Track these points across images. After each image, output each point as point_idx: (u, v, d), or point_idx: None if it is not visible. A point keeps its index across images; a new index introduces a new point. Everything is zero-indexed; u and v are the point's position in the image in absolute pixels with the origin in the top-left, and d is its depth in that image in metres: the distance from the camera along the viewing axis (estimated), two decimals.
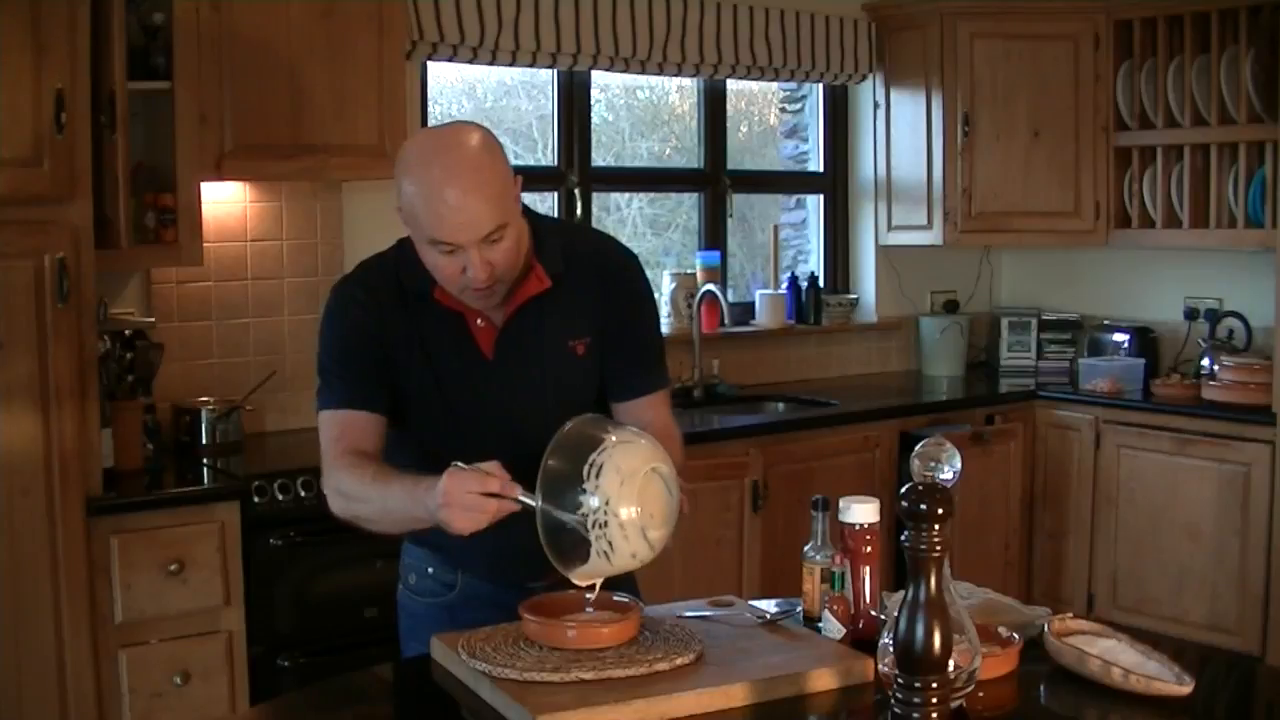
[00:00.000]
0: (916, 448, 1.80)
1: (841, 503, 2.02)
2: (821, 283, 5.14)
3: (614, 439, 1.87)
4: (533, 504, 1.85)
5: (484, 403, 2.11)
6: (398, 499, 1.96)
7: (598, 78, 4.62)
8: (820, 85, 5.17)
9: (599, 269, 2.17)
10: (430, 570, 2.24)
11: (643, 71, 4.51)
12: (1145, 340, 4.90)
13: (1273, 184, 4.34)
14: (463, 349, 2.10)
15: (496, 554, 2.15)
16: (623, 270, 2.21)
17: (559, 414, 1.94)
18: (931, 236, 4.95)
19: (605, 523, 1.83)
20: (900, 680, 1.57)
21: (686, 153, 4.99)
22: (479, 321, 2.10)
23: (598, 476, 1.83)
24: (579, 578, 1.89)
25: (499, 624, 1.99)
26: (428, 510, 1.88)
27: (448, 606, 2.22)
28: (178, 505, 3.15)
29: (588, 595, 1.95)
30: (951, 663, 1.58)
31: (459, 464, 1.86)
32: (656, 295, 2.40)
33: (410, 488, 1.93)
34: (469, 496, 1.83)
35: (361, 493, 2.02)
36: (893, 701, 1.58)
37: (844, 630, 1.97)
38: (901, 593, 1.59)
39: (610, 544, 1.84)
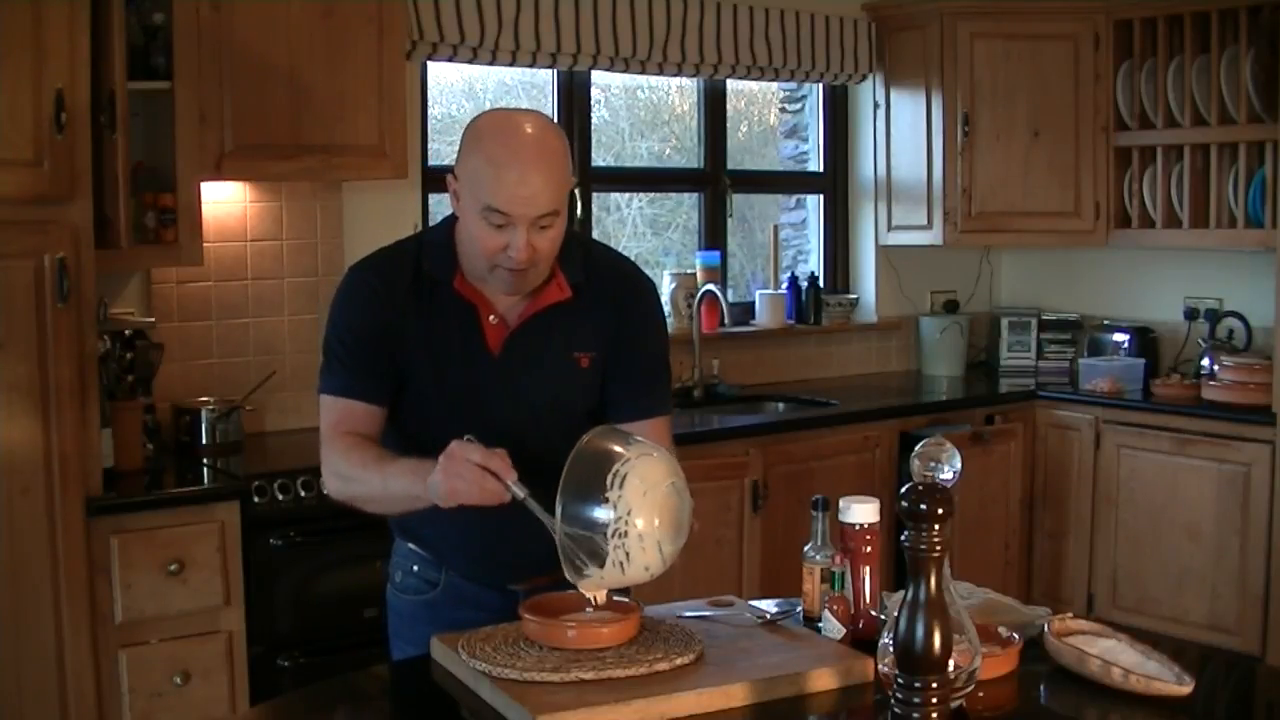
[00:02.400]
0: (916, 448, 1.80)
1: (841, 503, 2.02)
2: (821, 283, 5.14)
3: (635, 451, 1.88)
4: (520, 495, 1.87)
5: (480, 400, 2.11)
6: (399, 478, 2.00)
7: (598, 78, 4.62)
8: (820, 85, 5.17)
9: (617, 288, 2.19)
10: (415, 568, 2.26)
11: (643, 71, 4.51)
12: (1145, 340, 4.91)
13: (1273, 184, 4.34)
14: (470, 343, 2.11)
15: (479, 555, 2.17)
16: (640, 293, 2.23)
17: (552, 422, 1.97)
18: (931, 236, 4.95)
19: (625, 533, 1.83)
20: (900, 680, 1.57)
21: (686, 153, 4.99)
22: (491, 318, 2.12)
23: (620, 486, 1.83)
24: (587, 587, 1.90)
25: (481, 623, 2.00)
26: (425, 485, 1.92)
27: (430, 604, 2.23)
28: (178, 505, 3.15)
29: (591, 602, 1.95)
30: (951, 663, 1.58)
31: (471, 437, 1.91)
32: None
33: (415, 465, 1.97)
34: (467, 465, 1.87)
35: (362, 474, 2.05)
36: (893, 701, 1.58)
37: (844, 630, 1.97)
38: (901, 593, 1.59)
39: (627, 554, 1.84)
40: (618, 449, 1.87)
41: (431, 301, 2.11)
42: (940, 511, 1.54)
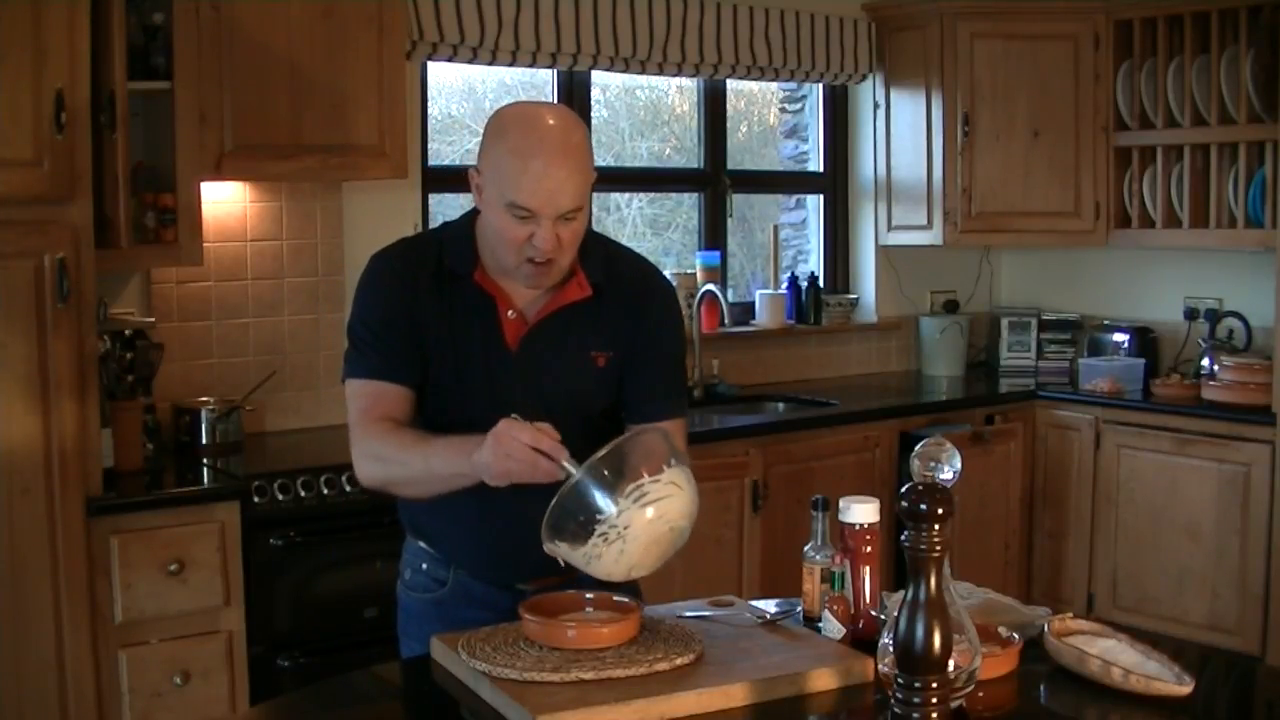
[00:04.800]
0: (916, 448, 1.80)
1: (841, 503, 2.02)
2: (821, 283, 5.14)
3: (668, 477, 1.88)
4: (575, 473, 1.85)
5: (497, 394, 2.11)
6: (443, 455, 1.99)
7: (598, 78, 4.62)
8: (820, 85, 5.17)
9: (637, 290, 2.20)
10: (424, 566, 2.26)
11: (643, 71, 4.51)
12: (1145, 340, 4.91)
13: (1273, 184, 4.34)
14: (488, 337, 2.12)
15: (487, 554, 2.18)
16: (659, 296, 2.24)
17: (567, 419, 1.97)
18: (931, 236, 4.95)
19: (611, 540, 1.84)
20: (900, 680, 1.57)
21: (686, 153, 4.99)
22: (510, 313, 2.12)
23: (635, 501, 1.84)
24: (547, 548, 1.89)
25: (488, 623, 2.00)
26: (471, 463, 1.91)
27: (438, 602, 2.23)
28: (178, 505, 3.15)
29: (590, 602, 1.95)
30: (951, 663, 1.58)
31: (516, 415, 1.90)
32: None
33: (459, 443, 1.96)
34: (518, 444, 1.86)
35: (402, 455, 2.04)
36: (893, 701, 1.58)
37: (844, 630, 1.98)
38: (901, 593, 1.59)
39: (599, 556, 1.85)
40: (655, 464, 1.87)
41: (452, 294, 2.12)
42: (940, 511, 1.54)
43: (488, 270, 2.12)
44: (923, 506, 1.54)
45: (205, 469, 3.47)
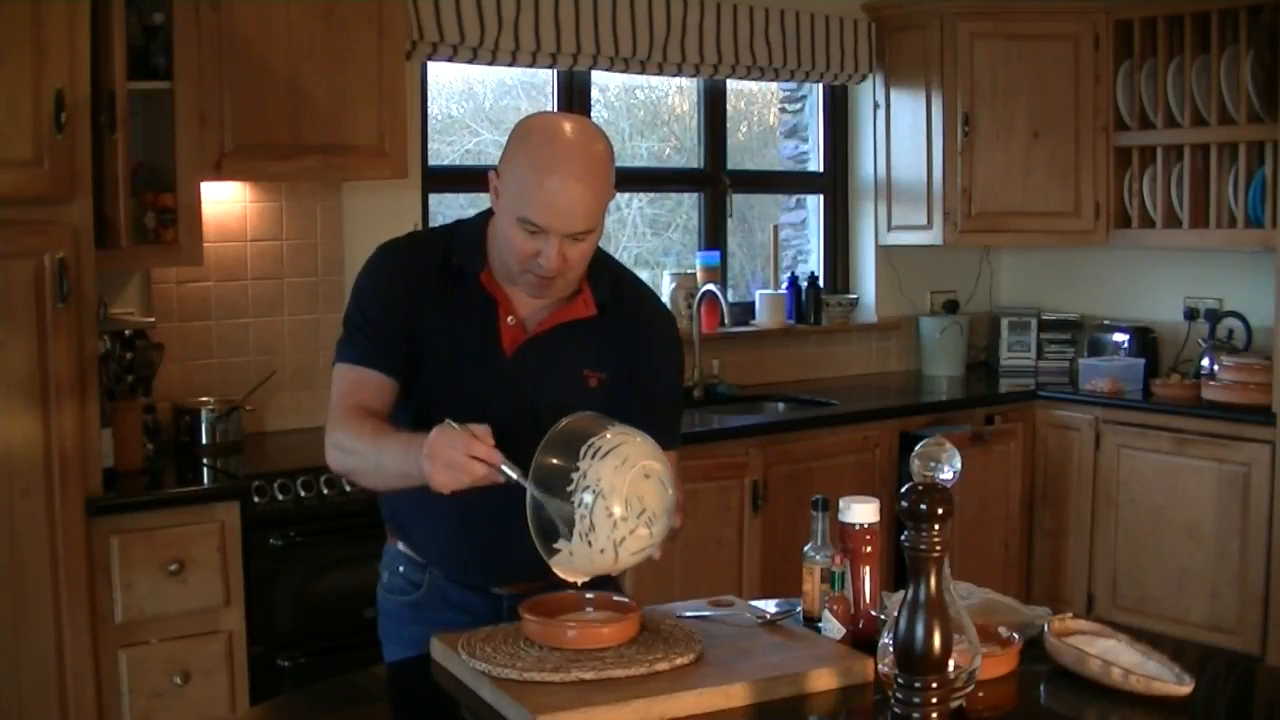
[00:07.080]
0: (916, 448, 1.81)
1: (841, 503, 2.02)
2: (821, 283, 5.14)
3: (616, 429, 1.87)
4: (514, 476, 1.84)
5: (486, 398, 2.10)
6: (392, 454, 1.96)
7: (598, 78, 4.62)
8: (820, 85, 5.17)
9: (639, 317, 2.19)
10: (401, 569, 2.25)
11: (643, 71, 4.51)
12: (1145, 340, 4.91)
13: (1273, 184, 4.34)
14: (485, 339, 2.11)
15: (462, 556, 2.17)
16: (661, 326, 2.24)
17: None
18: (931, 236, 4.95)
19: (591, 504, 1.81)
20: (900, 680, 1.57)
21: (686, 153, 4.99)
22: (510, 319, 2.12)
23: (594, 457, 1.82)
24: (558, 565, 1.87)
25: (466, 626, 2.00)
26: (417, 465, 1.88)
27: (415, 605, 2.23)
28: (177, 505, 3.15)
29: (576, 587, 1.94)
30: (951, 663, 1.58)
31: (450, 421, 1.87)
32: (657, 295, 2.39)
33: (406, 443, 1.94)
34: (454, 454, 1.83)
35: (359, 447, 2.02)
36: (893, 701, 1.58)
37: (844, 630, 1.98)
38: (901, 593, 1.59)
39: (593, 528, 1.81)
40: (595, 430, 1.86)
41: (455, 292, 2.11)
42: (940, 511, 1.54)
43: (495, 273, 2.11)
44: (923, 506, 1.54)
45: (205, 469, 3.47)
